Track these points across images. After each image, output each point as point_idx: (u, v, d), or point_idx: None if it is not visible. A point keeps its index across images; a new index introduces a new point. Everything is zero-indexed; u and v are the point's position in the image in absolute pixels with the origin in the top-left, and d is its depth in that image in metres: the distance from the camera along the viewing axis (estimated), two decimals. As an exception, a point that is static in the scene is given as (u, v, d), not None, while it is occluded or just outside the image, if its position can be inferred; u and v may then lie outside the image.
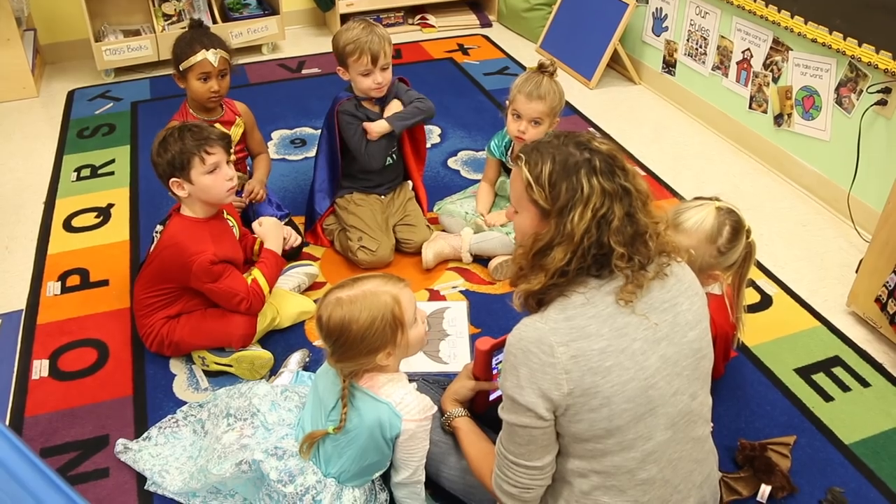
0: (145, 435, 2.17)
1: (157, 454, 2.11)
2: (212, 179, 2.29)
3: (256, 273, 2.42)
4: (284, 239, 2.69)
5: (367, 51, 2.69)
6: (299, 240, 2.86)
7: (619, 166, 1.50)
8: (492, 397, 2.02)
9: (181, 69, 2.72)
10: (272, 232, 2.54)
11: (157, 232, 2.42)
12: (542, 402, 1.46)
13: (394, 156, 2.99)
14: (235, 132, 2.86)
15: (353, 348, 1.72)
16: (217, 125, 2.79)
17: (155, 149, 2.30)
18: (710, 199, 2.07)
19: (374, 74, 2.74)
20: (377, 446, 1.80)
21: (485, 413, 2.00)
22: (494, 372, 1.97)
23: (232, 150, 2.39)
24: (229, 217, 2.50)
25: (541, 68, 2.72)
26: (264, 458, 1.83)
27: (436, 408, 1.85)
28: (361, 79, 2.76)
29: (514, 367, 1.49)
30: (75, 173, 3.53)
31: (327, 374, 1.85)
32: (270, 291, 2.46)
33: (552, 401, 1.46)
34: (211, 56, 2.69)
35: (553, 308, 1.50)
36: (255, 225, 2.54)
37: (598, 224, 1.45)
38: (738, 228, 2.03)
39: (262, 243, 2.55)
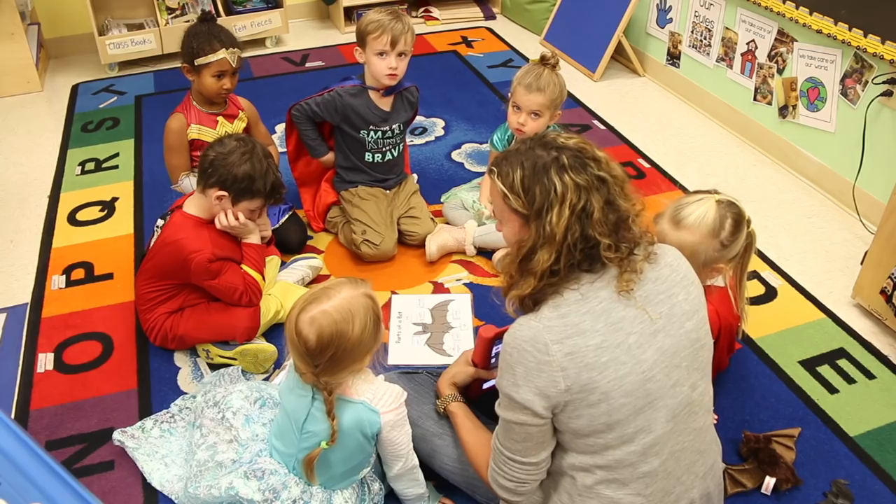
0: (139, 424, 2.17)
1: (151, 450, 2.10)
2: (247, 215, 2.37)
3: (245, 268, 2.42)
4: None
5: (388, 31, 2.69)
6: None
7: (589, 157, 1.49)
8: (485, 386, 2.02)
9: (196, 64, 2.70)
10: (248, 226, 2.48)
11: (157, 227, 2.42)
12: (539, 399, 1.46)
13: (393, 151, 2.99)
14: (238, 126, 2.86)
15: (348, 358, 1.69)
16: (220, 118, 2.79)
17: (238, 157, 2.28)
18: (709, 192, 2.06)
19: (389, 58, 2.73)
20: (360, 446, 1.80)
21: (477, 400, 2.00)
22: (493, 361, 1.97)
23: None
24: None
25: (542, 60, 2.71)
26: (243, 484, 1.81)
27: (406, 394, 1.83)
28: (376, 60, 2.75)
29: (510, 365, 1.49)
30: (80, 167, 3.53)
31: (292, 391, 1.82)
32: (264, 279, 2.47)
33: (549, 398, 1.46)
34: (230, 56, 2.69)
35: (547, 306, 1.50)
36: (217, 220, 2.43)
37: (578, 219, 1.45)
38: (739, 220, 2.01)
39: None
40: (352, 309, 1.67)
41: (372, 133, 2.89)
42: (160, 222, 2.43)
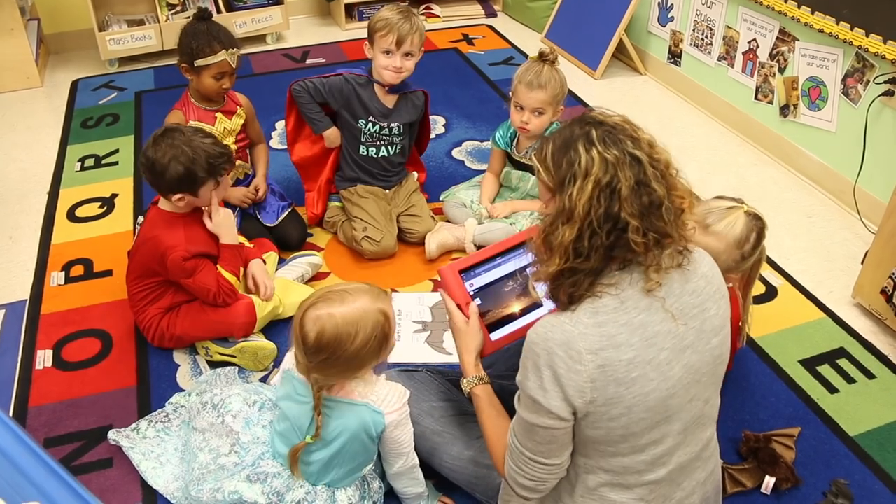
0: (134, 426, 2.16)
1: (146, 450, 2.09)
2: (214, 192, 2.34)
3: (219, 269, 2.39)
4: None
5: (395, 30, 2.71)
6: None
7: (626, 135, 1.41)
8: (493, 336, 1.88)
9: (196, 65, 2.67)
10: (224, 226, 2.43)
11: (139, 223, 2.42)
12: (565, 405, 1.42)
13: (389, 149, 2.98)
14: (236, 122, 2.85)
15: (343, 364, 1.69)
16: (218, 115, 2.78)
17: (165, 163, 2.22)
18: (735, 200, 2.06)
19: (394, 57, 2.75)
20: (364, 447, 1.80)
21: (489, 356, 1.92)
22: (471, 293, 1.89)
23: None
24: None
25: (541, 57, 2.71)
26: (247, 488, 1.81)
27: (409, 393, 1.83)
28: (381, 57, 2.77)
29: (538, 367, 1.43)
30: (79, 163, 3.53)
31: (290, 397, 1.82)
32: (239, 279, 2.44)
33: (574, 406, 1.42)
34: (230, 57, 2.67)
35: (584, 310, 1.43)
36: (205, 220, 2.40)
37: (603, 195, 1.38)
38: (761, 235, 2.03)
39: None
40: (360, 322, 1.65)
41: (370, 125, 2.89)
42: (141, 219, 2.42)
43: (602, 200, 1.38)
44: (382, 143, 2.95)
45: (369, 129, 2.90)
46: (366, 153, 2.96)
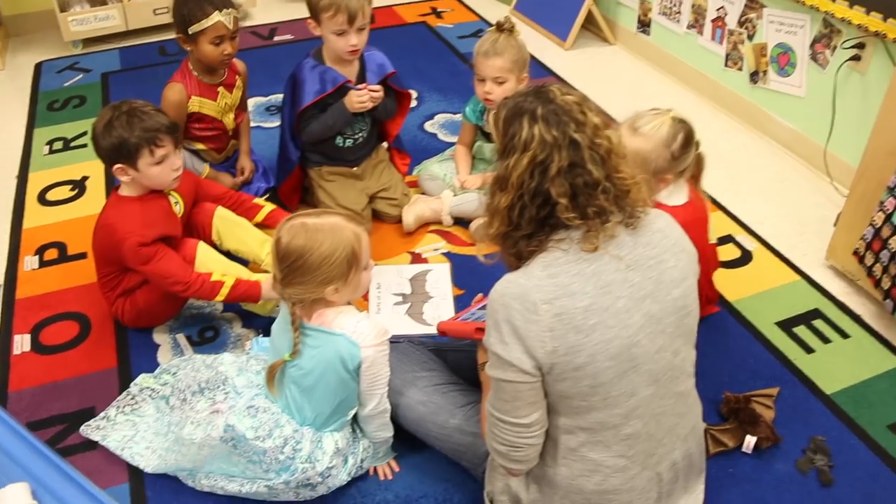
0: (102, 415, 2.14)
1: (120, 437, 2.08)
2: (159, 170, 2.23)
3: (229, 280, 2.29)
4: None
5: (343, 8, 2.48)
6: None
7: (571, 118, 1.47)
8: (462, 318, 2.01)
9: (190, 32, 2.58)
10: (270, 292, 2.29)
11: None
12: (527, 358, 1.46)
13: (364, 135, 2.87)
14: (236, 95, 2.76)
15: (307, 274, 1.75)
16: (220, 89, 2.71)
17: (99, 131, 2.18)
18: (666, 110, 2.17)
19: (349, 35, 2.55)
20: (342, 381, 1.83)
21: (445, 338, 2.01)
22: (469, 321, 1.97)
23: (180, 139, 2.31)
24: (173, 193, 2.38)
25: (498, 27, 2.72)
26: (238, 420, 1.84)
27: (391, 333, 1.87)
28: (335, 38, 2.57)
29: (497, 322, 1.48)
30: (47, 146, 3.47)
31: (281, 325, 1.89)
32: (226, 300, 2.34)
33: (537, 359, 1.45)
34: (225, 18, 2.57)
35: (536, 264, 1.49)
36: (263, 287, 2.30)
37: (537, 170, 1.46)
38: (689, 137, 2.15)
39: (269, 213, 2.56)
40: (329, 233, 1.75)
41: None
42: None
43: (535, 176, 1.47)
44: (360, 132, 2.85)
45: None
46: (342, 144, 2.83)
